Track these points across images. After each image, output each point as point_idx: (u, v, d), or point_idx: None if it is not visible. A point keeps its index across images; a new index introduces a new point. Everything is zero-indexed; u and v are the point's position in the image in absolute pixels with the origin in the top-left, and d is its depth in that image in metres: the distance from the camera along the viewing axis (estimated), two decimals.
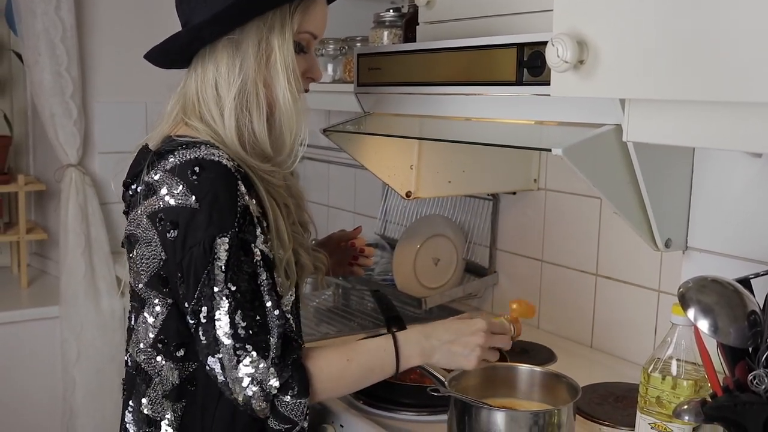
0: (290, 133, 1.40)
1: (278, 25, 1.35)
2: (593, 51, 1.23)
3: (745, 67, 1.04)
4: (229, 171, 1.29)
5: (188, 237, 1.26)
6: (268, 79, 1.36)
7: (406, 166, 2.05)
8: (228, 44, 1.35)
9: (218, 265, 1.25)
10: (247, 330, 1.26)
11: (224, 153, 1.31)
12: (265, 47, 1.35)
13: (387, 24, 2.06)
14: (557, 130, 1.48)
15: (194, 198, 1.26)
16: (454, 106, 1.69)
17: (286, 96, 1.37)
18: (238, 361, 1.26)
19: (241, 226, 1.27)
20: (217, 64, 1.36)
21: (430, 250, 2.28)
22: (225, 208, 1.26)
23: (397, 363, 1.37)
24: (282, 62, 1.35)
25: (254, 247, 1.29)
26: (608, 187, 1.44)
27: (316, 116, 2.99)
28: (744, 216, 1.57)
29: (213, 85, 1.36)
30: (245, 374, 1.26)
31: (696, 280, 1.16)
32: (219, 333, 1.26)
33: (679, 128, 1.19)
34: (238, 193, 1.28)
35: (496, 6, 1.68)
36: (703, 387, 1.27)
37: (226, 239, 1.25)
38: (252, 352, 1.26)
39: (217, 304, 1.26)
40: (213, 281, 1.25)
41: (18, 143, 3.35)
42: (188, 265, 1.27)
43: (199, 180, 1.27)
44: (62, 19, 2.84)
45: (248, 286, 1.27)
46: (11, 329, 2.82)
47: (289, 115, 1.38)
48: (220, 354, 1.26)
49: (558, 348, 1.98)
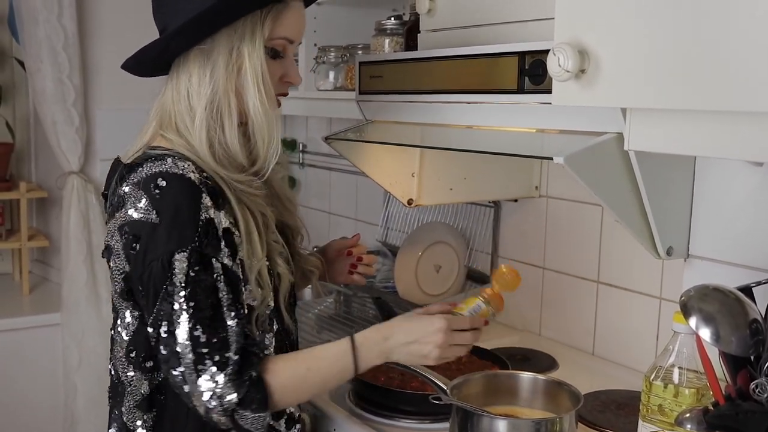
0: (263, 142, 1.38)
1: (248, 33, 1.33)
2: (594, 60, 1.23)
3: (746, 76, 1.04)
4: (192, 184, 1.28)
5: (148, 251, 1.27)
6: (239, 88, 1.35)
7: (408, 174, 2.06)
8: (199, 54, 1.35)
9: (177, 281, 1.25)
10: (207, 345, 1.26)
11: (191, 166, 1.31)
12: (236, 56, 1.34)
13: (388, 32, 2.07)
14: (558, 139, 1.48)
15: (155, 212, 1.26)
16: (456, 114, 1.69)
17: (257, 105, 1.35)
18: (198, 375, 1.26)
19: (201, 241, 1.27)
20: (189, 74, 1.36)
21: (432, 258, 2.29)
22: (185, 223, 1.26)
23: (355, 367, 1.38)
24: (252, 70, 1.34)
25: (216, 261, 1.28)
26: (610, 195, 1.44)
27: (318, 124, 3.00)
28: (745, 224, 1.57)
29: (186, 95, 1.36)
30: (205, 388, 1.26)
31: (698, 288, 1.16)
32: (179, 347, 1.26)
33: (680, 137, 1.20)
34: (201, 207, 1.27)
35: (497, 14, 1.68)
36: (705, 395, 1.27)
37: (185, 254, 1.25)
38: (211, 366, 1.26)
39: (177, 318, 1.25)
40: (172, 296, 1.25)
41: (20, 150, 3.35)
42: (148, 279, 1.27)
43: (161, 194, 1.27)
44: (64, 26, 2.84)
45: (207, 302, 1.27)
46: (13, 336, 2.82)
47: (260, 123, 1.37)
48: (181, 367, 1.26)
49: (560, 355, 1.98)
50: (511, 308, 2.23)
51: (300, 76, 1.47)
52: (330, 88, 2.29)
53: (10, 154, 3.19)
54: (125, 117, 3.09)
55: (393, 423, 1.61)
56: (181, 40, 1.33)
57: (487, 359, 1.82)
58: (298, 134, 3.15)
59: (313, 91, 2.35)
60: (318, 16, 2.40)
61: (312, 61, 2.34)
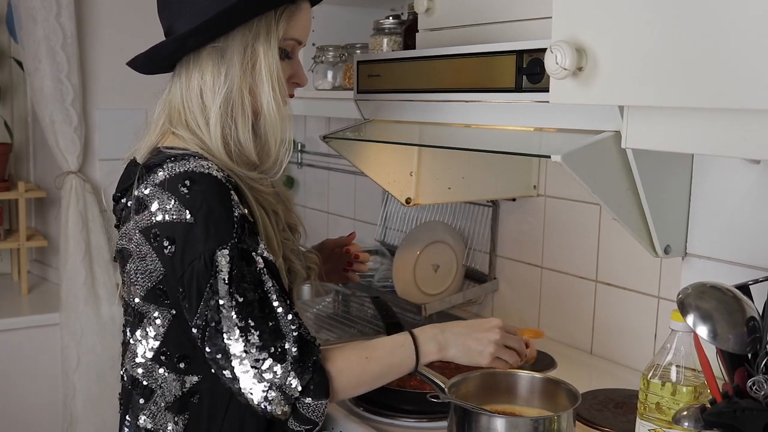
0: (275, 141, 1.39)
1: (263, 33, 1.35)
2: (592, 58, 1.23)
3: (744, 73, 1.04)
4: (220, 182, 1.28)
5: (186, 252, 1.26)
6: (253, 87, 1.36)
7: (406, 173, 2.06)
8: (213, 52, 1.35)
9: (221, 278, 1.25)
10: (261, 338, 1.26)
11: (213, 164, 1.31)
12: (250, 54, 1.35)
13: (387, 31, 2.07)
14: (556, 137, 1.49)
15: (188, 212, 1.26)
16: (454, 113, 1.69)
17: (271, 103, 1.36)
18: (255, 368, 1.25)
19: (240, 236, 1.27)
20: (202, 72, 1.36)
21: (430, 257, 2.29)
22: (221, 220, 1.26)
23: (417, 358, 1.39)
24: (267, 69, 1.35)
25: (256, 255, 1.29)
26: (607, 193, 1.45)
27: (316, 123, 3.00)
28: (743, 222, 1.57)
29: (198, 93, 1.36)
30: (264, 381, 1.26)
31: (695, 286, 1.16)
32: (229, 344, 1.25)
33: (678, 135, 1.20)
34: (233, 203, 1.28)
35: (495, 13, 1.69)
36: (703, 393, 1.27)
37: (226, 251, 1.25)
38: (267, 359, 1.25)
39: (224, 316, 1.25)
40: (218, 294, 1.25)
41: (18, 150, 3.35)
42: (189, 279, 1.26)
43: (190, 193, 1.26)
44: (63, 26, 2.84)
45: (255, 295, 1.26)
46: (11, 336, 2.82)
47: (273, 122, 1.38)
48: (232, 365, 1.26)
49: (558, 354, 1.98)
50: (509, 307, 2.24)
51: (306, 77, 1.48)
52: (328, 87, 2.29)
53: (8, 154, 3.18)
54: (124, 117, 3.12)
55: (391, 421, 1.61)
56: (198, 39, 1.34)
57: None
58: (297, 134, 3.15)
59: (311, 91, 2.35)
60: (316, 15, 2.39)
61: (310, 60, 2.34)
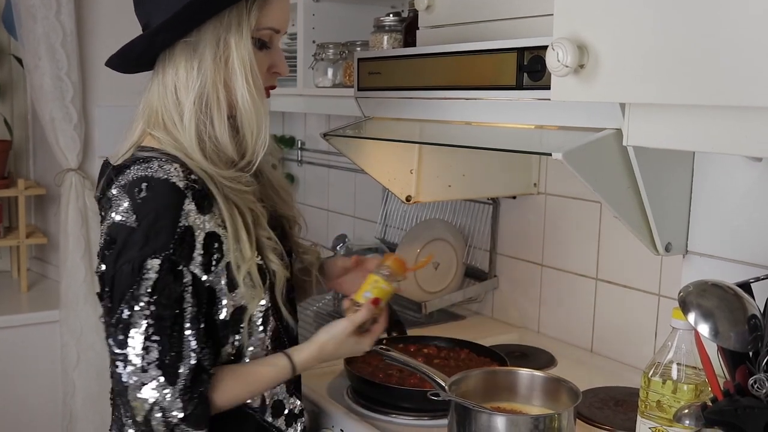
0: (251, 134, 1.36)
1: (235, 24, 1.32)
2: (593, 55, 1.23)
3: (745, 71, 1.04)
4: (175, 190, 1.27)
5: (122, 254, 1.26)
6: (227, 80, 1.34)
7: (407, 171, 2.06)
8: (185, 47, 1.33)
9: (144, 286, 1.24)
10: (160, 354, 1.25)
11: (178, 169, 1.29)
12: (223, 47, 1.32)
13: (387, 28, 2.06)
14: (557, 135, 1.48)
15: (135, 217, 1.26)
16: (454, 110, 1.69)
17: (245, 96, 1.33)
18: (143, 383, 1.25)
19: (176, 249, 1.26)
20: (176, 69, 1.34)
21: (431, 254, 2.28)
22: (162, 229, 1.25)
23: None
24: (240, 62, 1.32)
25: (186, 271, 1.27)
26: (608, 191, 1.44)
27: (317, 120, 3.00)
28: (744, 220, 1.57)
29: (173, 90, 1.34)
30: (149, 397, 1.25)
31: (696, 284, 1.16)
32: (129, 351, 1.25)
33: (679, 132, 1.19)
34: (182, 214, 1.26)
35: (496, 10, 1.68)
36: (704, 391, 1.26)
37: (158, 261, 1.24)
38: (160, 377, 1.25)
39: (135, 323, 1.24)
40: (136, 301, 1.24)
41: (18, 147, 3.35)
42: (116, 280, 1.26)
43: (143, 199, 1.26)
44: (62, 23, 2.84)
45: (170, 312, 1.26)
46: (11, 333, 2.82)
47: (249, 115, 1.35)
48: (128, 372, 1.25)
49: (558, 352, 1.98)
50: (509, 305, 2.24)
51: (287, 67, 1.45)
52: (328, 84, 2.29)
53: (8, 152, 3.18)
54: (123, 114, 3.07)
55: (391, 419, 1.61)
56: (166, 34, 1.32)
57: (486, 356, 1.82)
58: (297, 131, 3.15)
59: (311, 88, 2.35)
60: (316, 12, 2.40)
61: (310, 57, 2.34)
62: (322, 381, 1.78)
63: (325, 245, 2.78)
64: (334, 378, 1.80)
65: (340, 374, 1.79)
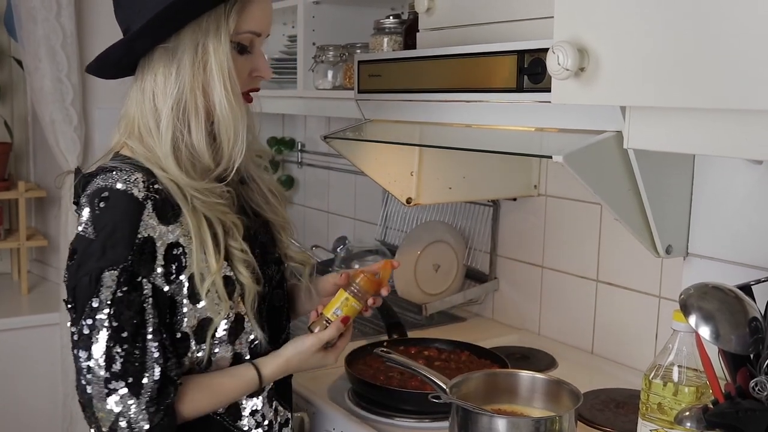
0: (228, 140, 1.34)
1: (213, 29, 1.29)
2: (594, 58, 1.23)
3: (745, 74, 1.04)
4: (135, 201, 1.26)
5: (81, 266, 1.26)
6: (205, 86, 1.31)
7: (407, 173, 2.06)
8: (164, 53, 1.31)
9: (103, 298, 1.24)
10: (123, 365, 1.24)
11: (140, 178, 1.28)
12: (201, 53, 1.30)
13: (387, 31, 2.07)
14: (558, 137, 1.48)
15: (94, 228, 1.26)
16: (455, 112, 1.69)
17: (223, 102, 1.31)
18: (108, 394, 1.24)
19: (135, 260, 1.25)
20: (154, 75, 1.32)
21: (431, 257, 2.29)
22: (120, 241, 1.25)
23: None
24: (218, 67, 1.30)
25: (146, 282, 1.26)
26: (609, 193, 1.44)
27: (317, 122, 3.00)
28: (745, 222, 1.57)
29: (151, 96, 1.32)
30: (114, 408, 1.25)
31: (697, 287, 1.16)
32: (92, 363, 1.24)
33: (679, 135, 1.20)
34: (141, 225, 1.26)
35: (496, 13, 1.68)
36: (705, 393, 1.27)
37: (115, 272, 1.24)
38: (123, 388, 1.24)
39: (96, 334, 1.24)
40: (95, 312, 1.24)
41: (18, 150, 3.35)
42: (78, 292, 1.26)
43: (101, 210, 1.26)
44: (63, 25, 2.84)
45: (131, 322, 1.25)
46: (12, 336, 2.82)
47: (226, 121, 1.32)
48: (91, 383, 1.25)
49: (559, 354, 1.98)
50: (510, 307, 2.24)
51: (270, 70, 1.42)
52: (329, 87, 2.29)
53: (8, 154, 3.18)
54: None
55: (392, 422, 1.61)
56: (144, 40, 1.30)
57: (487, 358, 1.82)
58: (297, 133, 3.16)
59: (311, 90, 2.35)
60: (316, 15, 2.40)
61: (310, 60, 2.34)
62: (323, 383, 1.78)
63: (325, 247, 2.78)
64: (335, 380, 1.80)
65: (341, 376, 1.79)
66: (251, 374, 1.39)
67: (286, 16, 2.70)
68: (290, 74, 2.49)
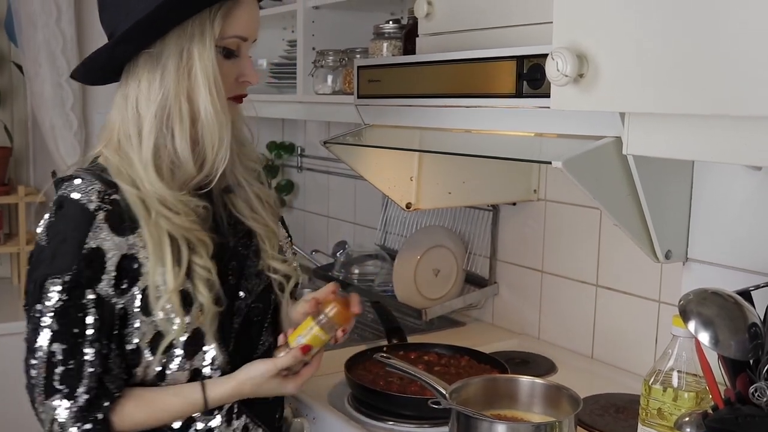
0: (212, 147, 1.32)
1: (198, 34, 1.28)
2: (593, 64, 1.23)
3: (744, 81, 1.04)
4: (86, 212, 1.26)
5: (32, 272, 1.29)
6: (190, 92, 1.30)
7: (407, 178, 2.06)
8: (148, 58, 1.29)
9: (47, 304, 1.26)
10: (60, 373, 1.27)
11: (95, 189, 1.28)
12: (186, 58, 1.28)
13: (387, 36, 2.07)
14: (557, 143, 1.49)
15: (46, 236, 1.29)
16: (454, 118, 1.69)
17: (208, 108, 1.29)
18: (46, 398, 1.28)
19: (80, 270, 1.25)
20: (138, 80, 1.30)
21: (431, 261, 2.29)
22: (68, 250, 1.25)
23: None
24: (203, 72, 1.28)
25: (91, 292, 1.27)
26: (608, 199, 1.45)
27: (316, 127, 3.00)
28: (744, 228, 1.58)
29: (134, 103, 1.31)
30: (49, 412, 1.28)
31: (696, 292, 1.16)
32: (33, 367, 1.28)
33: (679, 141, 1.20)
34: (90, 235, 1.26)
35: (495, 18, 1.69)
36: (705, 399, 1.27)
37: (59, 281, 1.25)
38: (58, 394, 1.27)
39: (37, 339, 1.27)
40: (39, 317, 1.27)
41: (18, 154, 3.35)
42: (27, 296, 1.30)
43: (56, 218, 1.29)
44: (63, 30, 2.85)
45: (71, 331, 1.26)
46: (11, 341, 2.80)
47: (211, 127, 1.30)
48: (34, 386, 1.29)
49: (558, 359, 1.98)
50: (509, 311, 2.24)
51: (257, 75, 1.40)
52: (328, 91, 2.29)
53: (8, 158, 3.18)
54: None
55: (392, 427, 1.61)
56: (127, 45, 1.28)
57: (486, 363, 1.82)
58: (297, 138, 3.16)
59: (311, 95, 2.35)
60: (316, 19, 2.41)
61: (310, 65, 2.35)
62: (322, 389, 1.78)
63: (325, 252, 2.79)
64: (334, 385, 1.80)
65: (340, 382, 1.79)
66: (196, 395, 1.36)
67: (285, 21, 2.71)
68: (290, 79, 2.49)
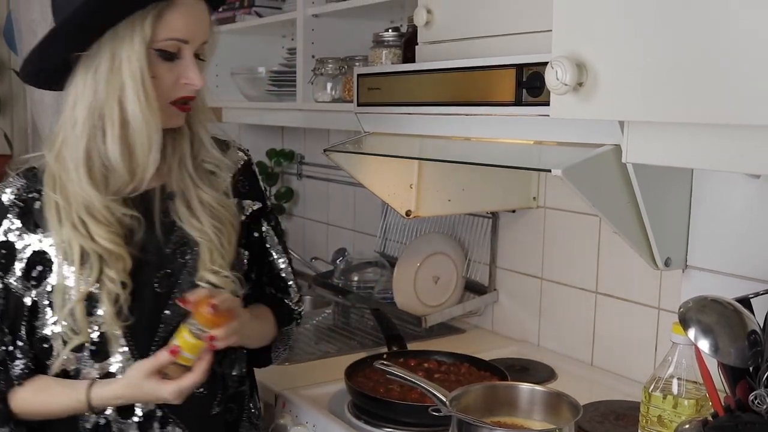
0: (142, 150, 1.32)
1: (127, 37, 1.27)
2: (592, 73, 1.23)
3: (743, 89, 1.04)
4: (1, 206, 1.36)
5: None
6: (120, 95, 1.30)
7: (406, 185, 2.06)
8: (85, 61, 1.30)
9: None
10: None
11: (15, 185, 1.38)
12: (117, 61, 1.28)
13: (386, 44, 2.07)
14: (556, 150, 1.49)
15: None
16: (454, 125, 1.69)
17: (135, 111, 1.29)
18: None
19: None
20: (76, 83, 1.32)
21: (430, 268, 2.29)
22: None
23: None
24: (131, 75, 1.28)
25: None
26: (608, 207, 1.45)
27: (317, 135, 3.01)
28: (743, 235, 1.58)
29: (72, 105, 1.33)
30: None
31: (696, 300, 1.17)
32: None
33: (678, 150, 1.20)
34: (0, 228, 1.36)
35: (495, 26, 1.69)
36: (704, 406, 1.27)
37: None
38: None
39: None
40: None
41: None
42: None
43: None
44: None
45: None
46: None
47: (140, 130, 1.30)
48: None
49: (558, 366, 1.98)
50: (509, 319, 2.24)
51: (200, 78, 1.35)
52: (328, 99, 2.30)
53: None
54: None
55: None
56: (57, 45, 1.29)
57: (486, 370, 1.82)
58: (296, 145, 3.16)
59: (311, 103, 2.36)
60: (315, 28, 2.41)
61: (310, 72, 2.35)
62: (323, 396, 1.78)
63: (325, 259, 2.79)
64: (335, 393, 1.80)
65: (341, 389, 1.78)
66: (80, 393, 1.34)
67: (285, 29, 2.71)
68: (289, 87, 2.50)
